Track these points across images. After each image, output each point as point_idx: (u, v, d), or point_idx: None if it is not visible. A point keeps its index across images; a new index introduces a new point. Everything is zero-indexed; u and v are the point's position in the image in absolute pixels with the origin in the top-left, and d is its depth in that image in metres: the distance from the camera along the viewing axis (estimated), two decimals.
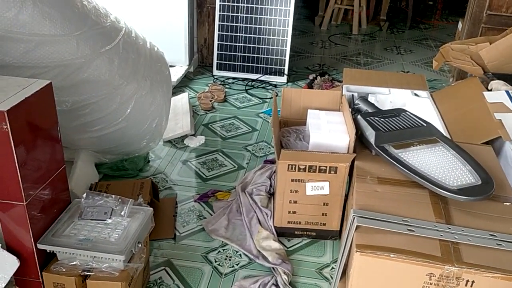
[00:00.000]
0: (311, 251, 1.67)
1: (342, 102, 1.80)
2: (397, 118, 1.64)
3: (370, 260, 1.16)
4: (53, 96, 1.22)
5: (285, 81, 3.11)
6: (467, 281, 1.13)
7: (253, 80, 3.08)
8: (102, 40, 1.70)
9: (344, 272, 1.36)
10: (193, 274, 1.55)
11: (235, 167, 2.13)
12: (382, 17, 4.47)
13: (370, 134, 1.55)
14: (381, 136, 1.53)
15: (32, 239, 1.20)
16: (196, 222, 1.78)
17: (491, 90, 2.16)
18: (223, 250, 1.66)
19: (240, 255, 1.64)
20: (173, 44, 3.02)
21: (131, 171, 1.99)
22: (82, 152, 1.87)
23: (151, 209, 1.37)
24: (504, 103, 1.98)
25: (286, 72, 3.10)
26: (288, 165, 1.57)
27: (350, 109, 1.95)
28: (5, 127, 1.05)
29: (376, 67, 3.53)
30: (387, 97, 2.50)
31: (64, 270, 1.22)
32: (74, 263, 1.23)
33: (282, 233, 1.71)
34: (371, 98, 2.48)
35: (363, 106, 1.85)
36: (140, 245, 1.29)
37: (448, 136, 2.08)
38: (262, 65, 3.11)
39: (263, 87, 3.02)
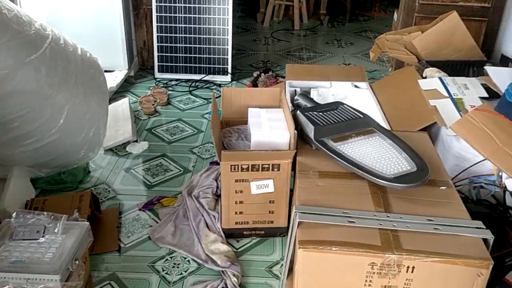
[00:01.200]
0: (261, 250, 1.67)
1: (282, 99, 1.80)
2: (335, 111, 1.66)
3: (313, 255, 1.16)
4: None
5: (229, 80, 3.09)
6: (408, 267, 1.15)
7: (196, 81, 3.04)
8: (26, 49, 1.61)
9: (291, 269, 1.36)
10: (139, 286, 1.50)
11: (181, 171, 2.09)
12: (322, 11, 4.53)
13: (310, 129, 1.55)
14: (320, 130, 1.54)
15: None
16: (141, 231, 1.73)
17: (426, 77, 2.23)
18: (171, 257, 1.62)
19: (188, 261, 1.60)
20: (110, 49, 2.93)
21: (70, 184, 1.91)
22: (15, 168, 1.78)
23: (87, 223, 1.31)
24: (438, 90, 2.05)
25: (229, 70, 3.08)
26: (231, 166, 1.56)
27: (290, 105, 1.96)
28: None
29: (318, 61, 3.57)
30: (329, 91, 2.53)
31: None
32: (7, 287, 1.15)
33: (230, 235, 1.69)
34: (313, 92, 2.51)
35: (302, 102, 1.85)
36: (77, 262, 1.24)
37: (387, 125, 2.13)
38: (205, 65, 3.08)
39: (207, 87, 2.99)
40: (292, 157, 1.56)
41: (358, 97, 2.49)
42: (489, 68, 2.01)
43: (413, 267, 1.15)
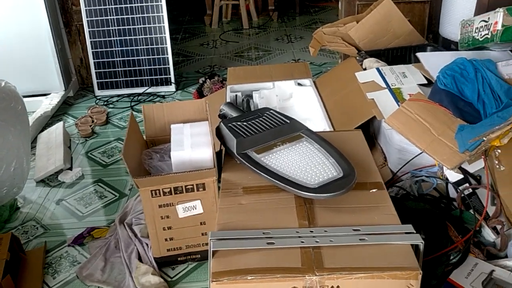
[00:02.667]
0: (198, 275, 1.56)
1: (207, 110, 1.70)
2: (261, 119, 1.56)
3: None
4: None
5: (174, 89, 2.98)
6: (332, 287, 1.06)
7: (139, 95, 2.92)
8: None
9: None
10: None
11: (116, 196, 1.97)
12: (271, 7, 4.44)
13: (232, 142, 1.45)
14: (243, 143, 1.43)
15: None
16: (69, 270, 1.60)
17: (366, 69, 2.15)
18: None
19: None
20: (43, 71, 2.79)
21: None
22: None
23: None
24: (375, 81, 1.97)
25: (173, 80, 2.96)
26: (151, 191, 1.44)
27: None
28: None
29: (267, 59, 3.47)
30: (272, 92, 2.44)
31: None
32: None
33: (164, 263, 1.58)
34: (255, 95, 2.41)
35: (228, 112, 1.75)
36: None
37: (329, 123, 2.04)
38: (146, 77, 2.95)
39: (150, 101, 2.86)
40: (215, 174, 1.46)
41: (302, 95, 2.41)
42: (420, 54, 1.93)
43: (338, 287, 1.06)
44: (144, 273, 1.51)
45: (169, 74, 2.95)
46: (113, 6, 2.81)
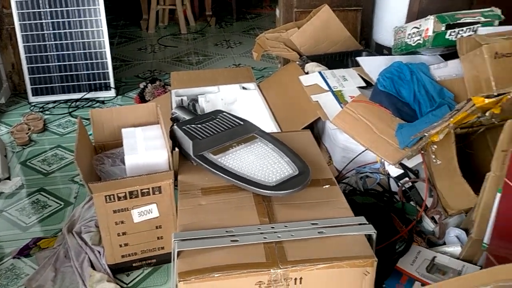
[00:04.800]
0: (154, 280, 1.55)
1: (158, 114, 1.69)
2: (214, 121, 1.58)
3: (195, 287, 1.07)
4: None
5: (114, 94, 2.91)
6: (295, 279, 1.11)
7: (77, 100, 2.82)
8: None
9: None
10: None
11: (61, 205, 1.90)
12: (208, 12, 4.46)
13: (188, 144, 1.46)
14: (199, 144, 1.45)
15: None
16: (16, 282, 1.53)
17: (308, 72, 2.24)
18: None
19: None
20: None
21: None
22: None
23: None
24: (318, 84, 2.06)
25: (112, 85, 2.90)
26: (105, 196, 1.42)
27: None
28: None
29: (208, 64, 3.49)
30: (217, 96, 2.47)
31: None
32: None
33: (118, 270, 1.55)
34: (201, 99, 2.43)
35: (180, 115, 1.76)
36: None
37: (276, 125, 2.11)
38: (84, 82, 2.86)
39: (89, 106, 2.78)
40: (173, 177, 1.46)
41: (247, 99, 2.45)
42: (360, 59, 2.05)
43: (301, 278, 1.11)
44: (99, 281, 1.47)
45: (109, 79, 2.88)
46: (48, 10, 2.70)
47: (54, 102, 2.80)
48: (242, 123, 1.58)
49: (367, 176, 1.75)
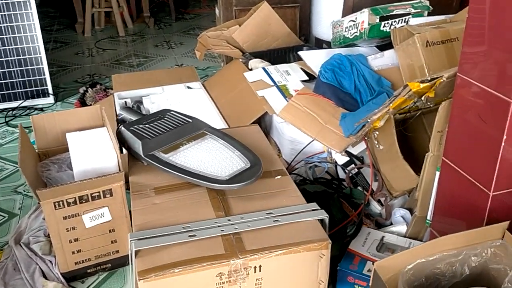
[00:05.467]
0: (111, 285, 1.52)
1: (103, 116, 1.66)
2: (163, 120, 1.58)
3: (157, 284, 1.07)
4: None
5: (53, 101, 2.81)
6: (255, 267, 1.14)
7: (14, 109, 2.69)
8: None
9: None
10: None
11: (5, 217, 1.82)
12: (146, 13, 4.40)
13: (137, 145, 1.44)
14: (148, 144, 1.44)
15: None
16: None
17: (251, 69, 2.27)
18: None
19: None
20: None
21: None
22: None
23: None
24: (263, 80, 2.10)
25: (50, 91, 2.79)
26: (54, 203, 1.37)
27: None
28: None
29: (149, 66, 3.45)
30: (162, 96, 2.45)
31: None
32: None
33: (72, 277, 1.51)
34: (146, 101, 2.40)
35: (127, 116, 1.73)
36: None
37: (224, 123, 2.12)
38: (20, 90, 2.74)
39: (27, 114, 2.66)
40: (123, 178, 1.44)
41: (192, 98, 2.45)
42: (302, 53, 2.11)
43: (260, 266, 1.14)
44: None
45: (46, 85, 2.78)
46: None
47: None
48: (190, 120, 1.59)
49: (316, 165, 1.81)
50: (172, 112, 1.63)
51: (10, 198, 1.93)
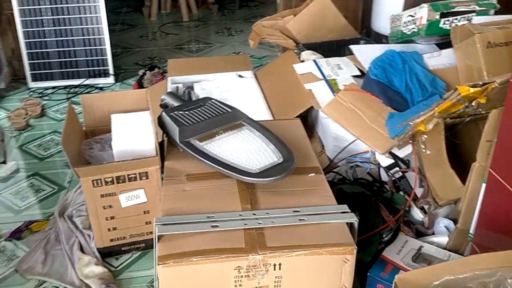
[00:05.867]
0: (143, 264, 1.57)
1: (148, 100, 1.70)
2: (203, 108, 1.58)
3: (174, 270, 1.08)
4: None
5: (113, 81, 2.92)
6: (275, 265, 1.11)
7: (76, 86, 2.83)
8: None
9: None
10: None
11: (54, 189, 1.92)
12: (211, 0, 4.44)
13: (174, 131, 1.46)
14: (185, 131, 1.45)
15: None
16: (7, 264, 1.56)
17: (303, 61, 2.22)
18: None
19: None
20: None
21: None
22: None
23: None
24: (312, 73, 2.05)
25: (111, 71, 2.90)
26: (93, 181, 1.43)
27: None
28: None
29: (208, 52, 3.49)
30: (213, 83, 2.47)
31: None
32: None
33: (108, 253, 1.57)
34: (197, 87, 2.43)
35: (170, 101, 1.76)
36: None
37: (269, 114, 2.10)
38: (83, 69, 2.87)
39: (88, 92, 2.79)
40: (159, 163, 1.47)
41: (242, 87, 2.45)
42: (353, 47, 2.04)
43: (280, 264, 1.12)
44: (87, 264, 1.50)
45: (107, 66, 2.89)
46: None
47: (54, 88, 2.81)
48: (230, 110, 1.58)
49: (357, 165, 1.75)
50: (213, 100, 1.63)
51: (62, 171, 2.04)
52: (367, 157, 1.77)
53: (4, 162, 2.07)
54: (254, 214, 1.21)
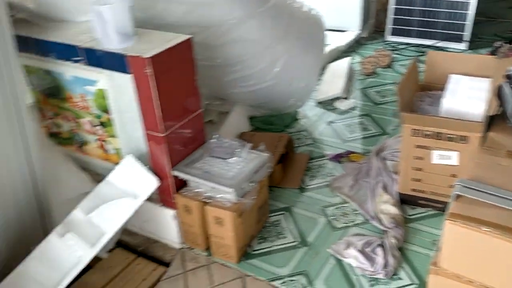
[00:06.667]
0: (433, 222, 1.60)
1: (495, 68, 1.62)
2: None
3: (460, 230, 1.09)
4: (192, 49, 1.44)
5: (464, 48, 2.85)
6: None
7: (427, 47, 2.91)
8: (255, 2, 1.86)
9: None
10: (308, 223, 1.66)
11: (378, 132, 2.12)
12: None
13: (509, 104, 1.38)
14: None
15: (169, 166, 1.48)
16: (324, 178, 1.87)
17: None
18: (342, 207, 1.72)
19: (356, 214, 1.68)
20: (346, 10, 3.05)
21: (278, 126, 2.17)
22: (237, 105, 2.12)
23: (267, 155, 1.52)
24: None
25: (466, 38, 2.83)
26: (412, 130, 1.52)
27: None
28: (148, 71, 1.32)
29: None
30: None
31: (190, 195, 1.49)
32: (198, 190, 1.48)
33: (405, 201, 1.67)
34: None
35: None
36: (252, 184, 1.47)
37: None
38: (438, 31, 2.91)
39: None
40: (482, 130, 1.42)
41: None
42: None
43: None
44: (385, 202, 1.64)
45: (464, 31, 2.83)
46: None
47: (406, 44, 2.97)
48: None
49: None
50: None
51: (389, 119, 2.21)
52: None
53: (346, 98, 2.40)
54: None
